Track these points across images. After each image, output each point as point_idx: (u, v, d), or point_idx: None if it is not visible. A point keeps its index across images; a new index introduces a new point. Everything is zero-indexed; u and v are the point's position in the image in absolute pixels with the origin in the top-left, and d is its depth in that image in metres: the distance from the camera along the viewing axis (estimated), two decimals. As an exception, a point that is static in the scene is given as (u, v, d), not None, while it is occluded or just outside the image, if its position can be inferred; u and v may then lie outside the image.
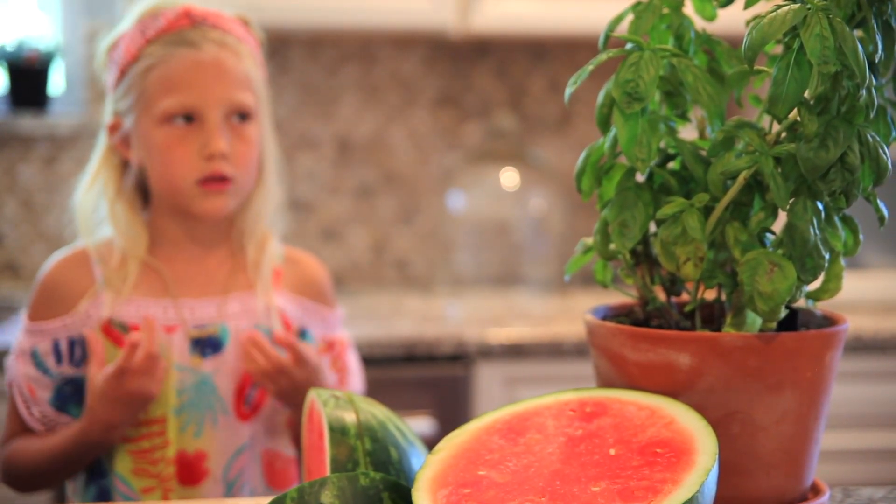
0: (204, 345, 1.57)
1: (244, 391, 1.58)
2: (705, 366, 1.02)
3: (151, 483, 1.54)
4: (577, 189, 1.14)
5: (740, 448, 1.03)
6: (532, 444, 1.02)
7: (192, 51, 1.56)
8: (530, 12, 2.80)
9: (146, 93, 1.56)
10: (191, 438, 1.55)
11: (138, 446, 1.53)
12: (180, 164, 1.55)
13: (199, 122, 1.55)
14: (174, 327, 1.56)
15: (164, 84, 1.55)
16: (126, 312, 1.56)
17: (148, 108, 1.56)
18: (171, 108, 1.55)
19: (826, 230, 1.04)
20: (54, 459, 1.53)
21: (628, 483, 0.94)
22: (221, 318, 1.59)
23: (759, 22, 1.00)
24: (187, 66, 1.55)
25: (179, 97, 1.55)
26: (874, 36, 1.00)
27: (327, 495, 1.02)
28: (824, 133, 1.00)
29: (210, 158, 1.55)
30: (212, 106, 1.55)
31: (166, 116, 1.55)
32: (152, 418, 1.54)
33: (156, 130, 1.55)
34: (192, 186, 1.55)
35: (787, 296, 1.01)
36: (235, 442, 1.57)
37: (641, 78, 1.04)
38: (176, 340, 1.56)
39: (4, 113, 2.90)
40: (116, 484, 1.54)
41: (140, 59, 1.57)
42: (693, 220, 1.04)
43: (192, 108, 1.55)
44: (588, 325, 1.11)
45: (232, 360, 1.57)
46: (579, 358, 2.47)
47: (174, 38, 1.56)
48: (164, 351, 1.54)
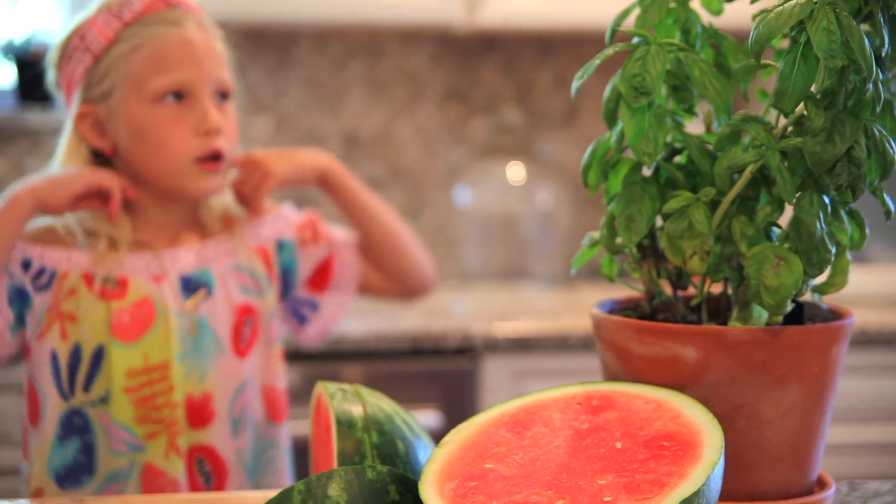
0: (193, 289, 1.58)
1: (240, 329, 1.60)
2: (711, 359, 1.02)
3: (156, 428, 1.55)
4: (584, 183, 1.14)
5: (746, 441, 1.03)
6: (539, 437, 1.02)
7: (178, 30, 1.56)
8: (536, 7, 2.80)
9: (133, 73, 1.55)
10: (196, 382, 1.56)
11: (140, 394, 1.53)
12: (177, 142, 1.54)
13: (190, 100, 1.55)
14: (160, 276, 1.57)
15: (154, 63, 1.54)
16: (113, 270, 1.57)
17: (137, 89, 1.55)
18: (164, 85, 1.54)
19: (832, 224, 1.04)
20: None
21: (634, 476, 0.95)
22: (203, 262, 1.60)
23: (765, 16, 1.00)
24: (177, 44, 1.55)
25: (172, 75, 1.54)
26: (881, 30, 1.00)
27: (335, 488, 1.03)
28: (831, 127, 1.00)
29: (207, 134, 1.55)
30: (203, 82, 1.56)
31: (158, 95, 1.54)
32: (153, 365, 1.54)
33: (146, 110, 1.55)
34: (189, 164, 1.55)
35: (794, 290, 1.01)
36: (236, 380, 1.59)
37: (648, 72, 1.04)
38: (166, 288, 1.57)
39: (12, 107, 2.91)
40: (116, 433, 1.53)
41: (119, 42, 1.55)
42: (699, 214, 1.05)
43: (185, 84, 1.55)
44: (594, 319, 1.11)
45: (222, 300, 1.59)
46: (586, 352, 2.47)
47: (156, 19, 1.56)
48: (157, 298, 1.56)
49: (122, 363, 1.53)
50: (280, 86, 3.01)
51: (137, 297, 1.55)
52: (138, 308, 1.55)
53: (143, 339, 1.54)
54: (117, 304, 1.54)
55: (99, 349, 1.54)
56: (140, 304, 1.55)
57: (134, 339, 1.54)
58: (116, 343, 1.53)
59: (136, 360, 1.54)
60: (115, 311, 1.54)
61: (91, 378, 1.54)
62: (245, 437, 1.60)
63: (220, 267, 1.61)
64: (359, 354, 2.42)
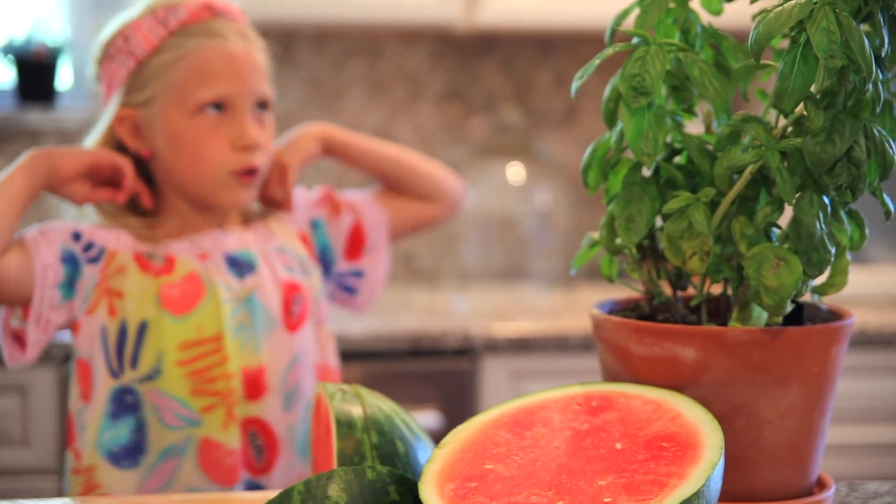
0: (239, 266, 1.61)
1: (289, 305, 1.63)
2: (711, 360, 1.02)
3: (213, 401, 1.56)
4: (584, 183, 1.14)
5: (746, 442, 1.03)
6: (538, 437, 1.02)
7: (222, 42, 1.57)
8: (536, 7, 2.80)
9: (176, 83, 1.57)
10: (251, 354, 1.58)
11: (193, 367, 1.54)
12: (214, 154, 1.56)
13: (229, 112, 1.57)
14: (206, 255, 1.60)
15: (198, 75, 1.56)
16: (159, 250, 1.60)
17: (179, 99, 1.56)
18: (205, 98, 1.56)
19: (832, 224, 1.04)
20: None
21: (634, 477, 0.95)
22: (244, 245, 1.63)
23: (765, 16, 1.00)
24: (220, 57, 1.57)
25: (214, 88, 1.56)
26: (880, 30, 1.00)
27: (334, 489, 1.03)
28: (830, 127, 1.00)
29: (245, 149, 1.57)
30: (244, 96, 1.58)
31: (199, 107, 1.56)
32: (206, 337, 1.56)
33: (186, 121, 1.56)
34: (225, 177, 1.57)
35: (793, 290, 1.02)
36: (289, 353, 1.61)
37: (648, 72, 1.05)
38: (212, 265, 1.59)
39: (12, 107, 2.91)
40: (170, 407, 1.54)
41: (164, 50, 1.57)
42: (699, 214, 1.05)
43: (226, 98, 1.56)
44: (594, 320, 1.11)
45: (269, 277, 1.62)
46: (585, 352, 2.47)
47: (200, 30, 1.58)
48: (205, 274, 1.58)
49: (175, 336, 1.55)
50: (280, 85, 3.01)
51: (185, 272, 1.57)
52: (187, 282, 1.57)
53: (195, 311, 1.56)
54: (166, 279, 1.56)
55: (143, 324, 1.55)
56: (188, 278, 1.57)
57: (185, 312, 1.55)
58: (168, 316, 1.55)
59: (188, 333, 1.55)
60: (164, 285, 1.56)
61: (137, 354, 1.55)
62: (297, 413, 1.62)
63: (263, 248, 1.64)
64: (358, 355, 2.42)
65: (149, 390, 1.54)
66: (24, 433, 2.35)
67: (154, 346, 1.54)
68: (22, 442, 2.35)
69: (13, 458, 2.35)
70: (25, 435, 2.35)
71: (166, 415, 1.54)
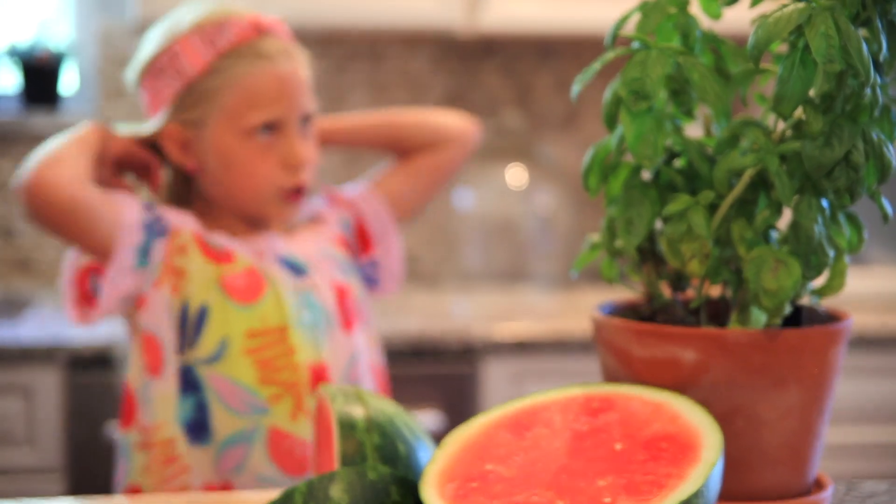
0: (293, 267, 1.64)
1: (342, 305, 1.65)
2: (710, 362, 1.03)
3: (280, 390, 1.57)
4: (585, 186, 1.14)
5: (745, 443, 1.04)
6: (539, 438, 1.02)
7: (270, 64, 1.61)
8: (537, 11, 2.81)
9: (227, 107, 1.59)
10: (314, 351, 1.60)
11: (261, 356, 1.56)
12: (265, 174, 1.60)
13: (279, 132, 1.61)
14: (261, 253, 1.63)
15: (248, 99, 1.59)
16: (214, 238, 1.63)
17: (230, 122, 1.60)
18: (256, 122, 1.59)
19: (831, 227, 1.05)
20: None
21: (634, 477, 0.95)
22: (291, 251, 1.66)
23: (764, 21, 1.01)
24: (270, 81, 1.60)
25: (266, 111, 1.59)
26: (878, 35, 1.01)
27: (336, 489, 1.03)
28: (829, 131, 1.01)
29: (295, 169, 1.61)
30: (293, 118, 1.62)
31: (250, 130, 1.60)
32: (271, 328, 1.58)
33: (237, 142, 1.60)
34: (273, 194, 1.62)
35: (792, 292, 1.02)
36: (347, 352, 1.64)
37: (648, 76, 1.05)
38: (268, 263, 1.62)
39: (17, 111, 2.91)
40: (236, 394, 1.55)
41: (213, 73, 1.60)
42: (699, 217, 1.05)
43: (276, 120, 1.60)
44: (594, 322, 1.11)
45: (321, 279, 1.65)
46: (585, 354, 2.47)
47: (249, 52, 1.61)
48: (264, 271, 1.61)
49: (241, 323, 1.57)
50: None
51: (245, 265, 1.60)
52: (248, 275, 1.59)
53: (260, 301, 1.58)
54: (228, 268, 1.59)
55: (204, 308, 1.57)
56: (248, 272, 1.59)
57: (250, 301, 1.58)
58: (232, 303, 1.57)
59: (254, 322, 1.57)
60: (227, 274, 1.58)
61: (196, 336, 1.57)
62: None
63: (309, 254, 1.67)
64: (359, 356, 2.42)
65: (211, 374, 1.56)
66: (28, 435, 2.35)
67: (218, 331, 1.56)
68: (26, 444, 2.35)
69: (14, 458, 2.35)
70: (29, 437, 2.35)
71: (233, 400, 1.55)
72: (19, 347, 2.33)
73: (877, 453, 2.58)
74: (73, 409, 2.35)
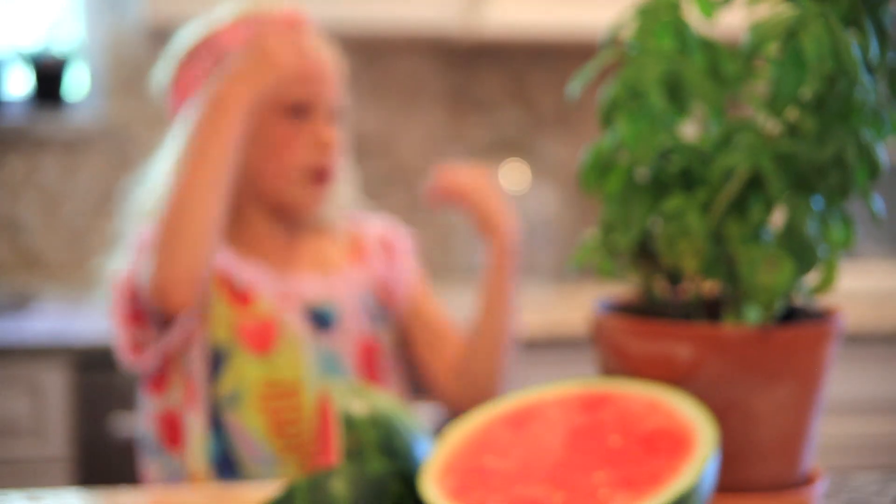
0: (319, 318, 1.60)
1: (370, 363, 1.61)
2: (705, 358, 1.04)
3: (289, 444, 1.54)
4: (581, 186, 1.15)
5: (739, 437, 1.04)
6: (536, 433, 1.03)
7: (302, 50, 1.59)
8: (535, 14, 2.81)
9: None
10: None
11: (273, 406, 1.53)
12: (291, 154, 1.59)
13: (309, 117, 1.61)
14: (286, 296, 1.59)
15: (281, 81, 1.57)
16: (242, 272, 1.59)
17: (265, 103, 1.59)
18: (287, 101, 1.59)
19: (823, 225, 1.06)
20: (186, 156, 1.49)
21: (630, 471, 0.96)
22: (329, 295, 1.62)
23: (758, 24, 1.02)
24: (302, 63, 1.59)
25: (297, 91, 1.60)
26: (868, 37, 1.02)
27: (337, 484, 1.04)
28: (821, 131, 1.02)
29: (322, 148, 1.61)
30: (321, 103, 1.62)
31: (279, 111, 1.60)
32: (284, 380, 1.53)
33: (266, 119, 1.59)
34: (299, 175, 1.60)
35: (785, 289, 1.03)
36: None
37: (643, 76, 1.06)
38: (292, 315, 1.58)
39: (29, 114, 2.91)
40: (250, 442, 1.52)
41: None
42: (693, 215, 1.06)
43: (307, 102, 1.61)
44: (591, 319, 1.12)
45: (348, 334, 1.61)
46: (582, 350, 2.48)
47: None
48: (284, 320, 1.57)
49: (256, 371, 1.53)
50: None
51: (262, 312, 1.56)
52: (264, 325, 1.55)
53: (273, 354, 1.54)
54: (246, 313, 1.55)
55: (220, 350, 1.54)
56: (265, 322, 1.55)
57: (264, 351, 1.54)
58: (247, 350, 1.53)
59: (269, 372, 1.53)
60: (242, 319, 1.54)
61: (217, 376, 1.53)
62: None
63: (344, 297, 1.62)
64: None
65: (230, 417, 1.53)
66: (35, 430, 2.35)
67: (234, 376, 1.53)
68: (33, 440, 2.35)
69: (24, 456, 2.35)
70: (36, 432, 2.35)
71: (248, 447, 1.52)
72: (25, 343, 2.33)
73: (869, 445, 2.59)
74: (79, 405, 2.35)
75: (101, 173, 2.93)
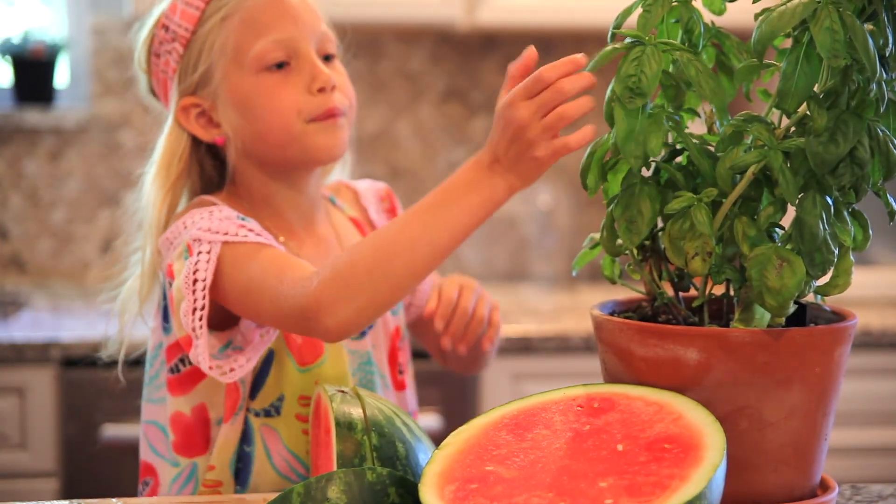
0: None
1: (396, 360, 1.51)
2: (713, 361, 1.02)
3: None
4: (583, 185, 1.13)
5: (748, 444, 1.03)
6: (539, 439, 1.02)
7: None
8: (537, 6, 2.81)
9: (228, 45, 1.43)
10: None
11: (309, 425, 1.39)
12: (289, 105, 1.41)
13: (295, 64, 1.43)
14: None
15: (249, 28, 1.42)
16: None
17: (236, 61, 1.43)
18: (266, 49, 1.41)
19: (835, 225, 1.04)
20: (425, 218, 1.26)
21: (636, 478, 0.95)
22: None
23: (768, 15, 1.00)
24: (267, 3, 1.43)
25: (271, 35, 1.42)
26: (885, 30, 1.00)
27: (334, 490, 1.03)
28: (834, 127, 1.00)
29: (321, 91, 1.42)
30: (305, 38, 1.43)
31: (261, 62, 1.42)
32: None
33: (251, 80, 1.42)
34: (305, 126, 1.42)
35: (796, 291, 1.01)
36: None
37: (643, 73, 1.04)
38: None
39: (9, 106, 2.91)
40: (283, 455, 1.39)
41: (206, 19, 1.44)
42: (701, 214, 1.04)
43: (287, 43, 1.42)
44: (595, 321, 1.11)
45: (382, 331, 1.50)
46: (587, 353, 2.47)
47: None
48: None
49: (297, 387, 1.40)
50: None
51: None
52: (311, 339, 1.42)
53: (315, 366, 1.42)
54: None
55: (270, 354, 1.41)
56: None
57: (308, 364, 1.41)
58: (292, 360, 1.41)
59: (308, 388, 1.41)
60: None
61: (260, 382, 1.41)
62: None
63: None
64: (359, 356, 2.42)
65: (265, 429, 1.40)
66: (21, 435, 2.34)
67: (276, 384, 1.41)
68: (20, 445, 2.35)
69: (11, 461, 2.34)
70: (23, 437, 2.34)
71: (280, 462, 1.40)
72: (13, 347, 2.33)
73: (883, 455, 2.57)
74: (67, 409, 2.35)
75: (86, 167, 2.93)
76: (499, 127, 1.22)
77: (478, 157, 1.24)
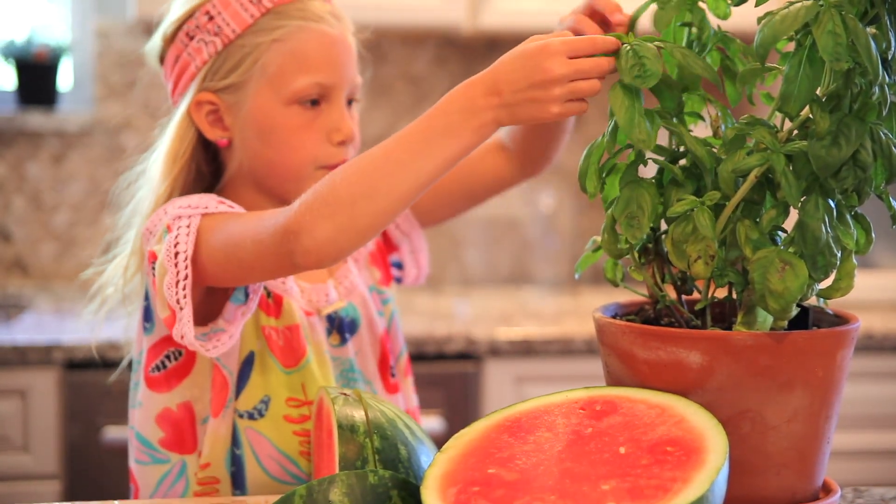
0: (341, 327, 1.47)
1: (387, 363, 1.50)
2: (716, 364, 1.02)
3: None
4: (582, 190, 1.13)
5: (751, 447, 1.03)
6: (541, 442, 1.02)
7: (322, 26, 1.46)
8: (540, 9, 2.80)
9: (270, 68, 1.42)
10: None
11: (303, 427, 1.40)
12: (308, 149, 1.43)
13: (325, 106, 1.45)
14: (311, 312, 1.45)
15: (296, 61, 1.43)
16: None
17: (273, 86, 1.43)
18: (304, 87, 1.43)
19: (838, 228, 1.04)
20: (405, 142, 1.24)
21: (638, 482, 0.94)
22: (346, 295, 1.49)
23: (771, 19, 1.00)
24: (322, 42, 1.45)
25: (314, 76, 1.43)
26: (887, 33, 1.00)
27: (336, 493, 1.02)
28: (836, 131, 1.00)
29: (340, 144, 1.46)
30: (341, 87, 1.47)
31: (295, 97, 1.43)
32: (310, 400, 1.41)
33: (280, 110, 1.43)
34: (313, 171, 1.44)
35: (799, 294, 1.01)
36: None
37: (645, 57, 1.05)
38: (317, 327, 1.45)
39: (13, 109, 2.91)
40: (275, 458, 1.39)
41: (257, 31, 1.43)
42: (704, 217, 1.04)
43: (325, 88, 1.44)
44: (598, 323, 1.10)
45: (368, 336, 1.49)
46: (589, 356, 2.47)
47: (298, 11, 1.45)
48: (310, 333, 1.43)
49: (283, 387, 1.41)
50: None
51: (290, 323, 1.42)
52: (291, 336, 1.42)
53: (300, 367, 1.42)
54: (272, 321, 1.42)
55: (251, 355, 1.41)
56: (293, 332, 1.42)
57: (292, 367, 1.41)
58: (275, 363, 1.41)
59: (294, 390, 1.41)
60: (269, 327, 1.41)
61: (242, 384, 1.41)
62: None
63: (360, 295, 1.50)
64: (361, 358, 2.41)
65: (250, 432, 1.40)
66: (24, 438, 2.34)
67: (261, 386, 1.41)
68: (22, 447, 2.35)
69: (13, 464, 2.34)
70: (26, 439, 2.34)
71: (271, 465, 1.40)
72: (16, 350, 2.32)
73: (885, 458, 2.57)
74: (69, 412, 2.35)
75: (89, 170, 2.92)
76: (519, 65, 1.19)
77: (471, 84, 1.22)
